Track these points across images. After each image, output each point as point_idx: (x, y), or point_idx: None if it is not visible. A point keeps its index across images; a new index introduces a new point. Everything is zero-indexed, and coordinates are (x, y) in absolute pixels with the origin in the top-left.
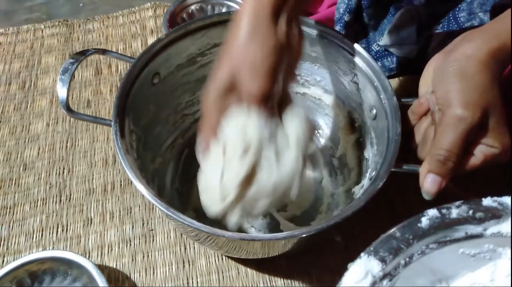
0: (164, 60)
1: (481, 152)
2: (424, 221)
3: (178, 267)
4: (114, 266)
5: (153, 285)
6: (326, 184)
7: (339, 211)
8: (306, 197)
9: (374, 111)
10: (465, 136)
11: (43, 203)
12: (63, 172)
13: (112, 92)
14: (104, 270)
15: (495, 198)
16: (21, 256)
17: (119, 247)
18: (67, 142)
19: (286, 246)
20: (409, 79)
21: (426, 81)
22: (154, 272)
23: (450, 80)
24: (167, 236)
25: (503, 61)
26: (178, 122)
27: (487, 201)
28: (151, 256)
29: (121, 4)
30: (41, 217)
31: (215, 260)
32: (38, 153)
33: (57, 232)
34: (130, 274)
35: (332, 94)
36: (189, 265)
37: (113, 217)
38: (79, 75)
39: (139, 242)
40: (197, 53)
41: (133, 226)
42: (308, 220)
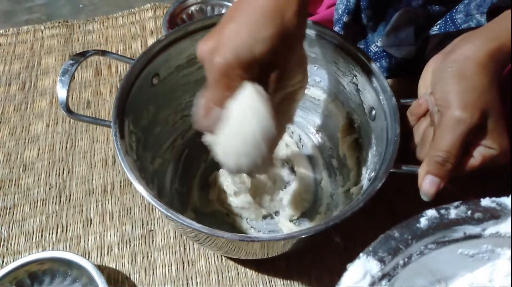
0: (163, 61)
1: (479, 153)
2: (423, 222)
3: (177, 267)
4: (114, 267)
5: (152, 286)
6: (325, 185)
7: (338, 211)
8: (305, 198)
9: (373, 112)
10: (464, 137)
11: (43, 204)
12: (63, 173)
13: (112, 93)
14: (104, 270)
15: (494, 198)
16: (21, 256)
17: (119, 247)
18: (67, 143)
19: (286, 247)
20: (408, 80)
21: (425, 82)
22: (153, 273)
23: (449, 81)
24: (167, 237)
25: (502, 62)
26: (177, 123)
27: (486, 202)
28: (151, 256)
29: (121, 5)
30: (40, 218)
31: (215, 261)
32: (38, 154)
33: (56, 232)
34: (129, 275)
35: (331, 95)
36: (189, 265)
37: (112, 217)
38: (79, 76)
39: (139, 243)
40: None
41: (132, 227)
42: (308, 220)
